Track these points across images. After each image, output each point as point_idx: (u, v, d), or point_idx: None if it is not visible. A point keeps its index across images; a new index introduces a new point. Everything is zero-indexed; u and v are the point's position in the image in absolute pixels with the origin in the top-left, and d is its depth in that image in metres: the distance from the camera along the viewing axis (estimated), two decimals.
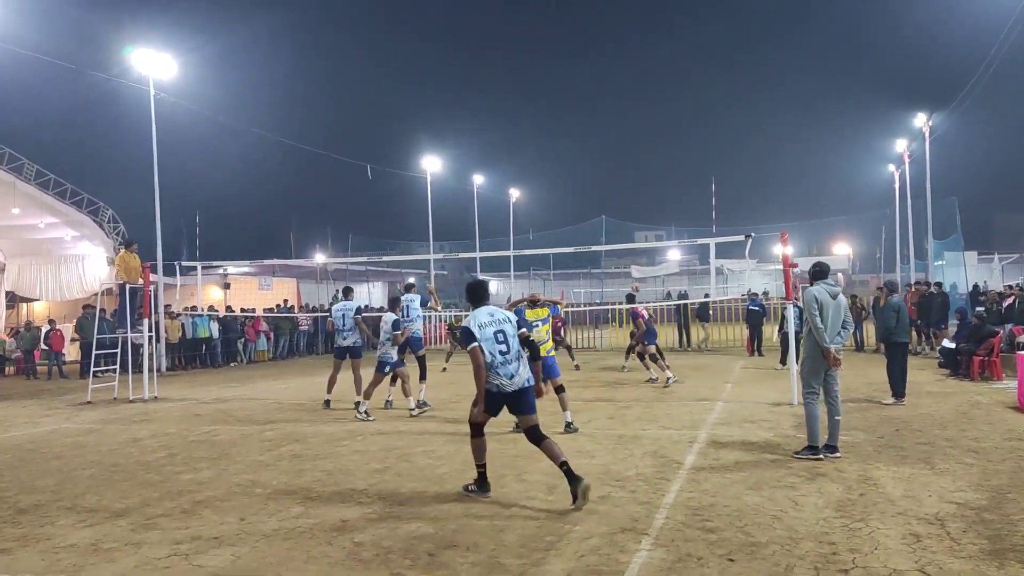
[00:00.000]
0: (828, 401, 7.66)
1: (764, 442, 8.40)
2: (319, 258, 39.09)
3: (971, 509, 5.67)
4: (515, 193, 51.84)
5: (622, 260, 59.67)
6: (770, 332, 21.94)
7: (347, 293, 13.06)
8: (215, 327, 23.32)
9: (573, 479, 5.94)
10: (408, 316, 12.06)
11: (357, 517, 5.88)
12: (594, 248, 25.90)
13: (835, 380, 7.72)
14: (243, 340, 24.39)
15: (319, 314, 27.18)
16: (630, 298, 16.87)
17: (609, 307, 28.81)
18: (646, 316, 14.78)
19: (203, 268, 20.23)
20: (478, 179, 46.64)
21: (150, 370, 14.94)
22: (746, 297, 21.79)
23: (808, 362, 7.70)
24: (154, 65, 22.53)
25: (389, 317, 11.38)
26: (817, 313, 7.56)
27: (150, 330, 15.58)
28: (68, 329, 23.03)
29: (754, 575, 4.45)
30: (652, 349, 14.42)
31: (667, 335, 25.21)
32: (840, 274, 54.54)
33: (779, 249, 13.83)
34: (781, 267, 12.95)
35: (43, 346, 22.03)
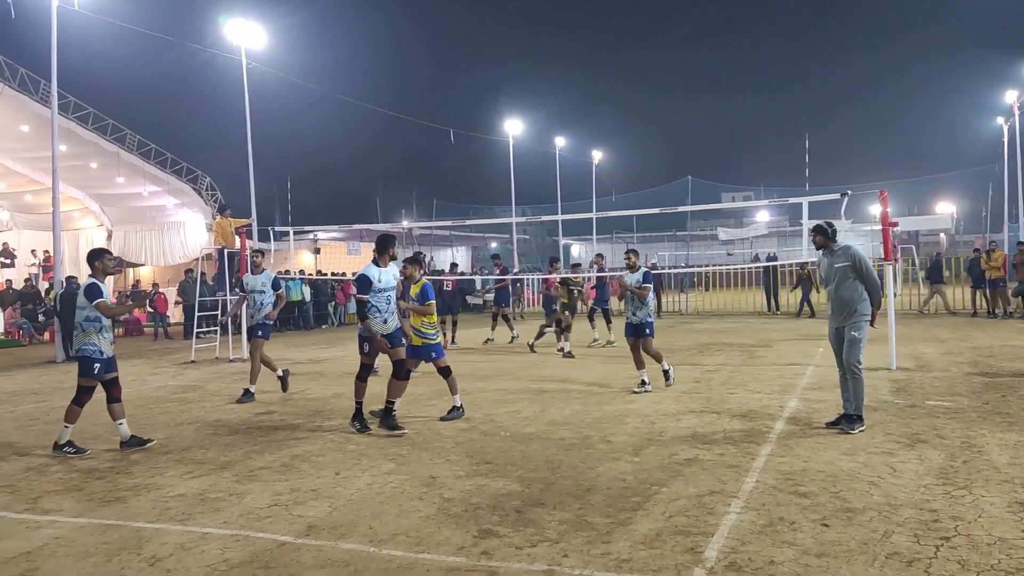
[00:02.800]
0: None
1: None
2: (404, 223, 39.73)
3: None
4: (597, 155, 51.18)
5: (708, 222, 58.38)
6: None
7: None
8: (307, 290, 24.10)
9: (387, 415, 7.70)
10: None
11: (446, 474, 6.01)
12: (679, 209, 25.36)
13: None
14: (333, 303, 25.14)
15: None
16: (493, 259, 18.53)
17: (695, 270, 28.28)
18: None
19: (295, 233, 20.85)
20: (560, 141, 46.25)
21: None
22: None
23: (865, 323, 7.17)
24: (246, 35, 23.12)
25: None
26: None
27: None
28: (172, 293, 24.25)
29: (850, 541, 4.34)
30: (506, 311, 16.66)
31: (755, 298, 24.66)
32: (942, 234, 51.91)
33: (876, 208, 13.22)
34: (877, 227, 12.41)
35: (148, 309, 23.29)
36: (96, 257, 7.47)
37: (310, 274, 26.11)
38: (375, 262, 7.72)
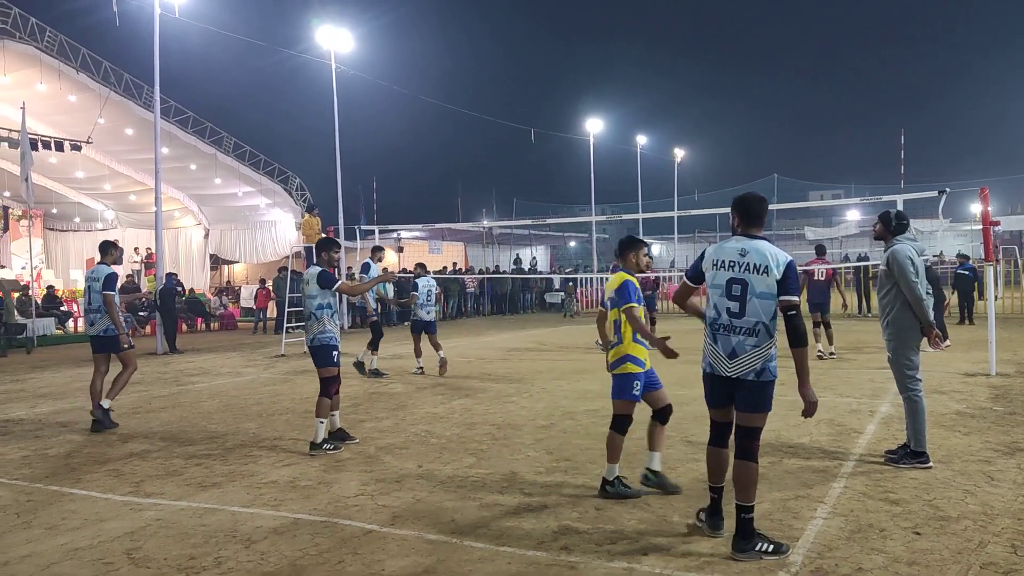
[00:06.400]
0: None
1: (956, 413, 7.80)
2: (485, 222, 40.08)
3: None
4: (680, 153, 50.41)
5: (795, 221, 56.74)
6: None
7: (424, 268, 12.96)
8: (390, 288, 24.56)
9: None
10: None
11: (525, 470, 6.08)
12: None
13: None
14: None
15: (485, 276, 28.06)
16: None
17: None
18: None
19: (379, 232, 21.33)
20: (641, 139, 45.78)
21: None
22: (955, 261, 20.18)
23: (910, 337, 5.98)
24: (335, 40, 23.81)
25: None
26: (916, 278, 5.90)
27: None
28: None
29: (943, 550, 4.19)
30: None
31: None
32: None
33: (977, 207, 12.64)
34: (978, 227, 11.85)
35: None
36: (324, 248, 7.42)
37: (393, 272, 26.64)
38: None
